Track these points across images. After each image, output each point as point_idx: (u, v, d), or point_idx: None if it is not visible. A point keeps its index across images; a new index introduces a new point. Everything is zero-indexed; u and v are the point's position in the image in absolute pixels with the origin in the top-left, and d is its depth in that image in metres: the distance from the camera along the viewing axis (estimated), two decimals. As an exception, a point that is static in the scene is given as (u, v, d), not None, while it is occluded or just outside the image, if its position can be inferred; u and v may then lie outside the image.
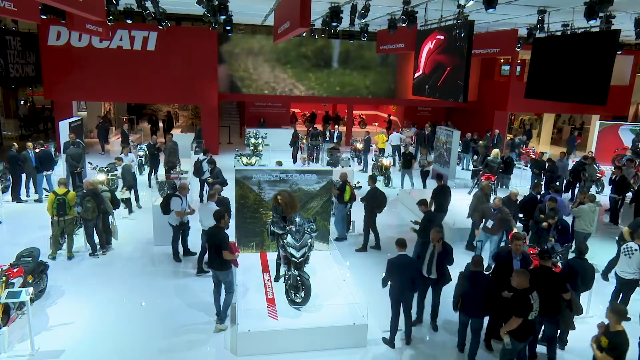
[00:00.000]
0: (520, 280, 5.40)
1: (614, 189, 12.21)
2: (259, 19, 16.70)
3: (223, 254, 6.52)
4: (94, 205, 8.69)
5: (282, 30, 9.09)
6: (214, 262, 6.67)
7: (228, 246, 6.57)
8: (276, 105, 23.10)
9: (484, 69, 22.55)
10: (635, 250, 7.19)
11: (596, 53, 8.56)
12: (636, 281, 7.34)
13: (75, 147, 13.06)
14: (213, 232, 6.70)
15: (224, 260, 6.59)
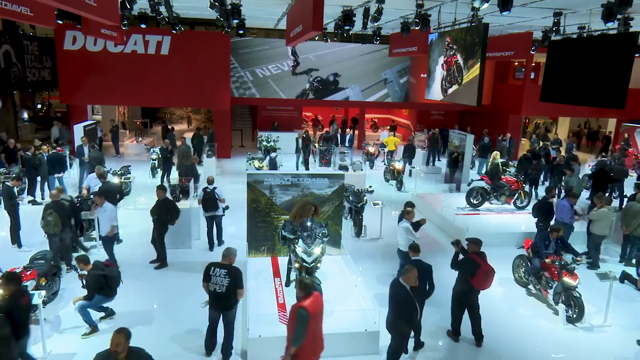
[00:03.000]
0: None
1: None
2: (271, 23, 16.74)
3: (238, 293, 5.92)
4: (56, 218, 8.03)
5: (294, 34, 9.07)
6: (224, 302, 5.92)
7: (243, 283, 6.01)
8: (288, 108, 23.14)
9: (498, 72, 22.32)
10: None
11: (614, 56, 8.39)
12: None
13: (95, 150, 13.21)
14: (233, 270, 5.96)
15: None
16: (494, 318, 7.43)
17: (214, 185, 9.75)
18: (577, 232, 10.04)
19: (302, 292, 4.96)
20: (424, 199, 13.20)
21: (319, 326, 5.09)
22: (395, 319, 5.74)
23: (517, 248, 10.08)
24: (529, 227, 10.61)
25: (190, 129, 25.76)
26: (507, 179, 12.53)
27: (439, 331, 7.10)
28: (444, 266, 8.84)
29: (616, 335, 7.19)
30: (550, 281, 7.76)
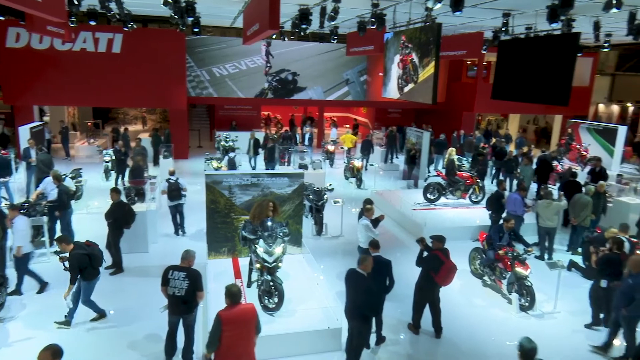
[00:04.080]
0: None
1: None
2: (228, 21, 16.51)
3: (198, 296, 5.80)
4: None
5: (251, 32, 8.98)
6: (184, 305, 5.77)
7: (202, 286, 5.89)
8: (246, 108, 22.91)
9: (452, 71, 22.96)
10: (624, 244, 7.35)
11: (558, 55, 8.81)
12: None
13: (42, 152, 12.57)
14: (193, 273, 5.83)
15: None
16: (452, 310, 7.65)
17: (176, 176, 10.29)
18: (527, 224, 10.50)
19: (227, 299, 4.83)
20: (383, 195, 13.41)
21: (239, 340, 4.78)
22: (355, 307, 5.82)
23: (472, 241, 10.42)
24: (483, 221, 10.98)
25: (146, 130, 25.04)
26: (461, 175, 12.92)
27: (400, 325, 7.24)
28: (403, 261, 9.06)
29: (565, 321, 7.57)
30: (504, 272, 8.08)
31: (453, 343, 6.87)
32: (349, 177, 16.09)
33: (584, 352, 6.76)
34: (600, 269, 7.20)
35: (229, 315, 4.78)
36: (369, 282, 5.79)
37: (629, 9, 9.45)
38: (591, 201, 9.96)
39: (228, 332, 4.71)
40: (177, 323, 5.92)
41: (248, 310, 4.90)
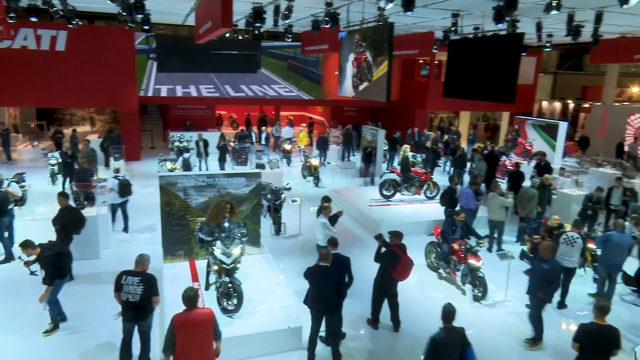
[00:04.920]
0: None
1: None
2: (179, 19, 16.11)
3: (153, 301, 5.61)
4: None
5: (203, 31, 8.82)
6: (139, 311, 5.58)
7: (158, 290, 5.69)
8: (201, 107, 22.48)
9: (405, 70, 23.44)
10: (577, 239, 7.73)
11: (504, 54, 9.19)
12: (575, 269, 7.93)
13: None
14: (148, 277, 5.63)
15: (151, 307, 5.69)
16: (409, 303, 7.83)
17: (122, 174, 10.57)
18: (480, 217, 10.89)
19: (183, 303, 4.76)
20: (340, 193, 13.52)
21: (193, 344, 4.69)
22: (325, 301, 5.96)
23: (427, 235, 10.67)
24: (438, 215, 11.29)
25: (94, 131, 24.08)
26: (416, 171, 13.23)
27: (360, 321, 7.34)
28: (362, 258, 9.17)
29: (515, 309, 7.92)
30: (458, 264, 8.35)
31: (412, 336, 7.03)
32: (307, 175, 16.13)
33: (529, 331, 7.10)
34: (533, 254, 7.76)
35: (183, 319, 4.69)
36: (335, 271, 5.98)
37: (567, 11, 9.97)
38: (537, 194, 10.46)
39: (182, 336, 4.63)
40: (132, 330, 5.74)
41: (204, 315, 4.82)
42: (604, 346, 4.96)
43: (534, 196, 10.40)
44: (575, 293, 8.17)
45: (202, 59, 20.09)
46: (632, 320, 7.72)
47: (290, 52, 21.42)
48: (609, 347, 4.94)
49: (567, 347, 5.45)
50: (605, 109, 23.24)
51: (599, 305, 5.13)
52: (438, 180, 13.88)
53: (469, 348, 4.81)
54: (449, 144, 17.98)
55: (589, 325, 5.12)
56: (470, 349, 4.83)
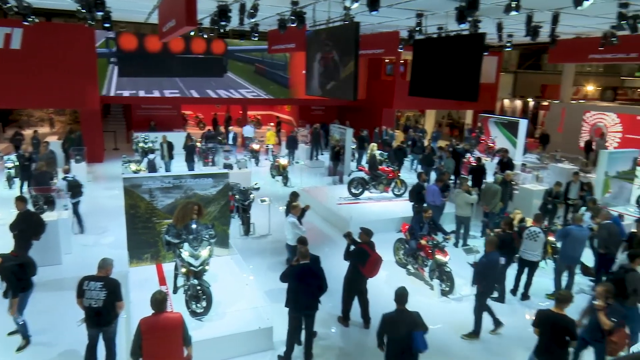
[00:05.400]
0: None
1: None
2: (142, 16, 15.72)
3: (117, 306, 5.45)
4: None
5: (167, 29, 8.66)
6: (102, 317, 5.42)
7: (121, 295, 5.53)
8: (166, 107, 22.03)
9: (371, 69, 23.66)
10: (539, 233, 7.97)
11: (467, 54, 9.41)
12: (538, 262, 8.19)
13: None
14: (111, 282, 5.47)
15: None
16: (379, 300, 7.89)
17: (72, 174, 10.55)
18: (447, 213, 11.13)
19: (151, 306, 4.68)
20: (309, 192, 13.53)
21: (160, 349, 4.62)
22: (308, 298, 6.00)
23: (396, 232, 10.83)
24: (406, 212, 11.46)
25: (54, 132, 23.23)
26: (383, 169, 13.39)
27: (331, 319, 7.37)
28: (331, 256, 9.21)
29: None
30: (426, 260, 8.51)
31: (381, 332, 7.10)
32: (275, 175, 16.06)
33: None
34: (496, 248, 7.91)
35: (150, 323, 4.60)
36: (315, 268, 6.03)
37: (526, 12, 10.30)
38: (500, 189, 10.77)
39: (148, 340, 4.54)
40: (96, 336, 5.57)
41: (172, 319, 4.74)
42: (558, 334, 5.13)
43: (498, 192, 10.70)
44: (538, 285, 8.45)
45: (166, 63, 19.71)
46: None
47: (258, 55, 21.29)
48: (563, 336, 5.11)
49: (531, 335, 5.64)
50: (563, 107, 24.16)
51: (558, 294, 5.35)
52: (406, 178, 14.09)
53: (418, 331, 4.99)
54: (416, 142, 18.28)
55: (544, 311, 5.36)
56: (419, 332, 4.99)
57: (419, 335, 4.97)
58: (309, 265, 6.03)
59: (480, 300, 6.97)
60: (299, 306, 6.03)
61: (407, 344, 4.95)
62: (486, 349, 6.87)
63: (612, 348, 5.41)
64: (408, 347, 4.96)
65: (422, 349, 4.97)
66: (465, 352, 6.77)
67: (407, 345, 4.96)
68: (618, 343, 5.28)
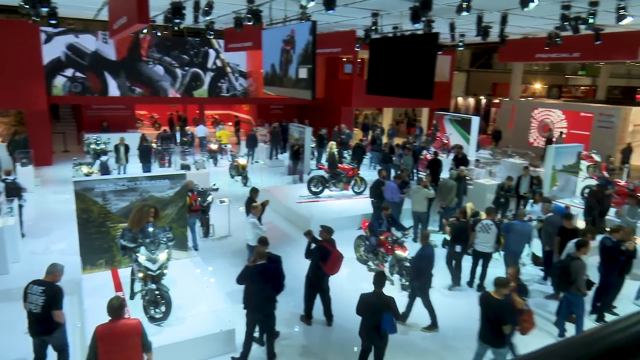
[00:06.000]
0: None
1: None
2: (91, 13, 15.12)
3: (54, 315, 5.17)
4: None
5: (118, 26, 8.37)
6: (42, 325, 5.19)
7: (62, 304, 5.27)
8: (119, 107, 21.29)
9: (329, 68, 23.78)
10: (491, 226, 8.23)
11: (421, 53, 9.62)
12: (491, 254, 8.46)
13: None
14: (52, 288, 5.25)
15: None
16: (341, 297, 7.96)
17: (13, 176, 10.29)
18: (406, 209, 11.35)
19: (108, 313, 4.54)
20: (270, 192, 13.44)
21: (117, 356, 4.50)
22: (265, 298, 5.96)
23: (356, 230, 10.96)
24: (366, 210, 11.61)
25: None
26: (343, 167, 13.50)
27: (293, 318, 7.37)
28: (293, 255, 9.20)
29: (438, 294, 8.34)
30: (385, 255, 8.65)
31: (344, 329, 7.17)
32: (235, 175, 15.87)
33: (457, 317, 7.54)
34: (452, 236, 8.36)
35: (107, 330, 4.45)
36: (273, 268, 6.02)
37: (477, 13, 10.65)
38: (455, 184, 11.10)
39: (104, 347, 4.39)
40: (42, 346, 5.30)
41: (129, 325, 4.59)
42: (495, 317, 5.38)
43: (453, 187, 11.02)
44: (493, 276, 8.72)
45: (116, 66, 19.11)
46: (541, 300, 8.43)
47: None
48: (498, 320, 5.35)
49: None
50: (513, 104, 25.16)
51: (496, 279, 5.63)
52: (365, 175, 14.26)
53: (388, 313, 5.40)
54: (375, 140, 18.53)
55: (484, 294, 5.68)
56: (389, 314, 5.40)
57: (387, 317, 5.35)
58: (266, 265, 5.99)
59: (424, 295, 7.12)
60: (256, 307, 5.98)
61: (377, 324, 5.36)
62: (444, 341, 7.06)
63: (524, 327, 5.74)
64: (377, 327, 5.37)
65: (389, 331, 5.37)
66: (427, 344, 6.93)
67: (376, 324, 5.38)
68: (528, 321, 5.55)
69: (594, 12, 9.17)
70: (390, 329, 5.39)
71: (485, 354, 5.72)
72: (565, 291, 6.96)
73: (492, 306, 5.41)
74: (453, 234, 8.40)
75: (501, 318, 5.32)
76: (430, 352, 6.80)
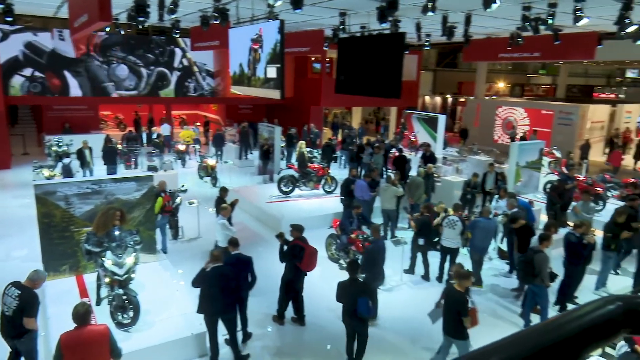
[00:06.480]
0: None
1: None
2: (50, 10, 14.61)
3: (25, 321, 5.03)
4: None
5: (79, 24, 8.10)
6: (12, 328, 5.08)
7: (35, 312, 5.11)
8: (81, 107, 20.65)
9: (298, 67, 23.74)
10: (457, 222, 8.39)
11: (389, 52, 9.72)
12: (458, 249, 8.62)
13: None
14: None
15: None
16: (314, 295, 7.98)
17: None
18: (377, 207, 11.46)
19: (73, 320, 4.40)
20: (240, 192, 13.32)
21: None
22: (226, 301, 5.91)
23: (327, 228, 10.99)
24: (337, 208, 11.65)
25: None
26: (313, 167, 13.52)
27: (266, 319, 7.33)
28: (264, 256, 9.16)
29: (409, 290, 8.50)
30: (357, 254, 8.70)
31: (318, 327, 7.19)
32: (204, 176, 15.65)
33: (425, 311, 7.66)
34: (417, 230, 8.68)
35: (72, 338, 4.31)
36: (229, 269, 6.02)
37: (442, 13, 10.85)
38: (423, 182, 11.29)
39: (70, 356, 4.26)
40: (13, 348, 5.16)
41: (97, 332, 4.46)
42: (453, 309, 5.55)
43: (421, 184, 11.21)
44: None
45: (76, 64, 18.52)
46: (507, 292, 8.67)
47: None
48: (457, 311, 5.51)
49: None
50: (478, 103, 25.78)
51: (456, 271, 5.83)
52: (336, 174, 14.31)
53: (363, 297, 5.70)
54: (345, 139, 18.62)
55: (448, 286, 5.89)
56: (364, 298, 5.71)
57: (362, 301, 5.65)
58: (222, 268, 5.92)
59: (373, 287, 7.24)
60: (214, 311, 5.90)
61: (354, 308, 5.70)
62: (412, 335, 7.17)
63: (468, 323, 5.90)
64: (354, 311, 5.71)
65: (364, 314, 5.72)
66: (398, 339, 7.02)
67: (354, 309, 5.71)
68: (472, 317, 5.72)
69: (553, 14, 9.49)
70: (366, 311, 5.70)
71: (450, 346, 5.86)
72: (530, 283, 7.19)
73: (454, 299, 5.54)
74: (418, 228, 8.66)
75: (461, 311, 5.45)
76: (400, 346, 6.89)
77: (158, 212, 9.12)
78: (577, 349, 0.87)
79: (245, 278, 6.37)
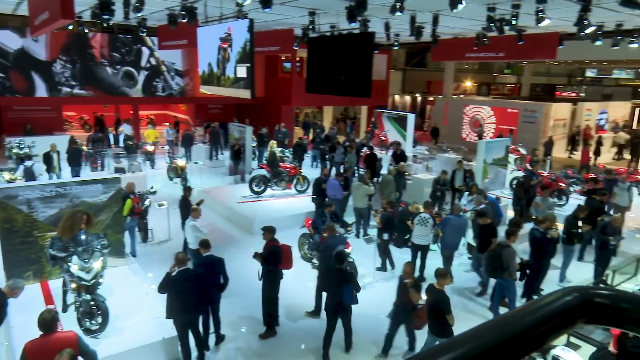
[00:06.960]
0: None
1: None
2: (9, 7, 14.06)
3: None
4: None
5: (40, 22, 7.82)
6: None
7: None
8: (44, 108, 19.96)
9: (269, 66, 23.63)
10: (429, 219, 8.52)
11: (358, 52, 9.79)
12: (428, 245, 8.75)
13: None
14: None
15: None
16: (287, 295, 7.96)
17: None
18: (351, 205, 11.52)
19: (39, 328, 4.25)
20: (210, 193, 13.18)
21: None
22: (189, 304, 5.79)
23: (300, 228, 10.98)
24: (309, 208, 11.66)
25: None
26: (285, 166, 13.48)
27: (240, 321, 7.28)
28: (236, 257, 9.09)
29: (381, 287, 8.57)
30: (330, 252, 8.74)
31: (291, 327, 7.18)
32: (173, 177, 15.37)
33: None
34: (382, 225, 8.91)
35: (38, 346, 4.16)
36: (198, 270, 6.07)
37: (410, 13, 11.00)
38: (392, 180, 11.43)
39: None
40: None
41: (64, 339, 4.32)
42: (438, 308, 5.64)
43: (390, 182, 11.35)
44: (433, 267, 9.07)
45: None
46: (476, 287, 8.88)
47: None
48: (440, 310, 5.61)
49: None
50: (446, 101, 26.26)
51: (436, 270, 5.94)
52: (308, 173, 14.31)
53: (347, 287, 5.99)
54: (315, 139, 18.66)
55: (429, 286, 5.90)
56: (349, 287, 6.00)
57: (347, 290, 5.93)
58: (189, 271, 5.85)
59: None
60: (183, 315, 5.80)
61: (339, 297, 5.97)
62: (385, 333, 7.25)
63: (417, 323, 6.09)
64: (339, 300, 5.98)
65: (350, 302, 6.02)
66: (365, 336, 7.08)
67: (338, 298, 5.99)
68: (422, 317, 5.88)
69: (517, 15, 9.76)
70: (351, 300, 6.02)
71: (433, 344, 5.92)
72: (498, 277, 7.38)
73: (436, 297, 5.62)
74: (382, 223, 8.84)
75: (444, 309, 5.53)
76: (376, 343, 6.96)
77: (127, 214, 8.92)
78: (539, 337, 0.91)
79: (217, 280, 6.29)
